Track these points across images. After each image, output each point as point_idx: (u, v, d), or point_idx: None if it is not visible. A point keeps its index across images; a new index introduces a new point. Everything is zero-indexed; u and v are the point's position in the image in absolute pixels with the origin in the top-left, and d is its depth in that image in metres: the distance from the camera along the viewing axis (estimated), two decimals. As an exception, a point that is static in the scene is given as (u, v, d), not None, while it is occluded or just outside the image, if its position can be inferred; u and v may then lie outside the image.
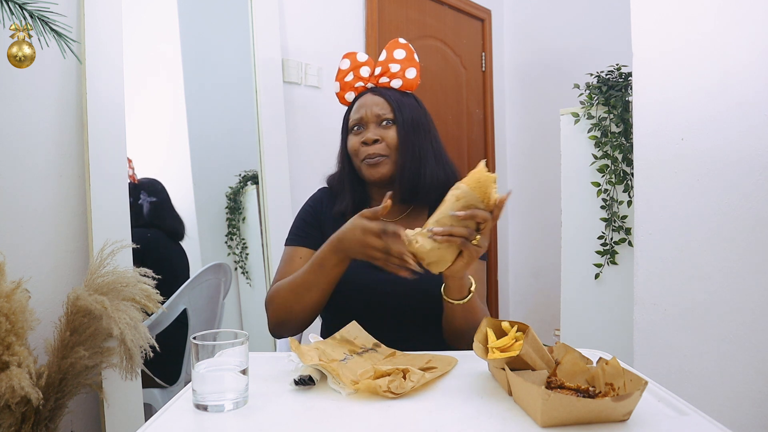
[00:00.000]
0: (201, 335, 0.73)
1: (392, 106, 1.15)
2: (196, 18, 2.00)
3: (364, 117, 1.15)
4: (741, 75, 1.40)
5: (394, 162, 1.14)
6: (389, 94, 1.16)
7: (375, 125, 1.14)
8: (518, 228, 3.34)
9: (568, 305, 2.08)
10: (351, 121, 1.18)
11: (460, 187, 0.86)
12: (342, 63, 1.22)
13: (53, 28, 1.09)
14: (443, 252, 0.87)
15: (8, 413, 1.11)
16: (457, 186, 0.86)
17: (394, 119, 1.14)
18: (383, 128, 1.14)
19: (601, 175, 1.94)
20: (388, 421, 0.67)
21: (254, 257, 2.01)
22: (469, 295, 0.98)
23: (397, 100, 1.16)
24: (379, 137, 1.13)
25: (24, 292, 1.13)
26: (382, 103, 1.15)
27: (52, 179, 1.41)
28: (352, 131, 1.17)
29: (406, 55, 1.18)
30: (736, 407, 1.42)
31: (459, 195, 0.85)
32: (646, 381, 0.66)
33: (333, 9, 2.30)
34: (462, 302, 0.98)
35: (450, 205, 0.86)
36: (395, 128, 1.14)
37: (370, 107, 1.15)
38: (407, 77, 1.18)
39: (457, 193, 0.86)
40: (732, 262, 1.42)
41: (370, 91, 1.18)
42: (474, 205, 0.85)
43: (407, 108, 1.16)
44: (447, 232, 0.85)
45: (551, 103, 2.72)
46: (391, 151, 1.13)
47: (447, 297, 0.98)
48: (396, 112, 1.14)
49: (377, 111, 1.14)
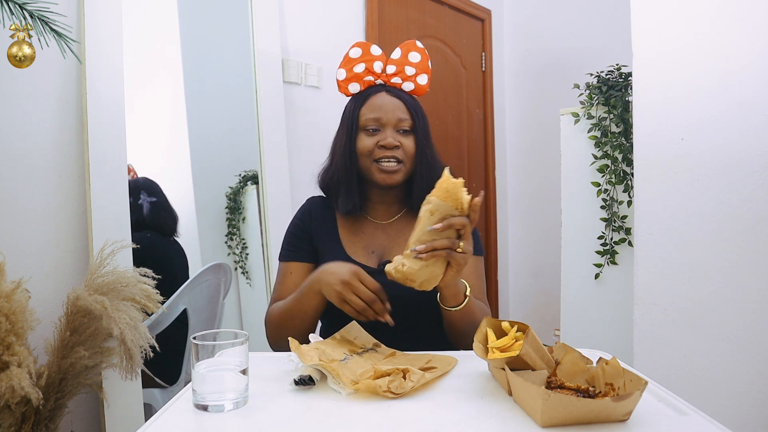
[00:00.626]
0: (201, 335, 0.73)
1: (411, 113, 1.12)
2: (196, 18, 2.00)
3: (383, 118, 1.11)
4: (741, 75, 1.40)
5: (407, 170, 1.13)
6: (405, 98, 1.14)
7: (393, 129, 1.11)
8: (518, 228, 3.34)
9: (568, 305, 2.08)
10: (364, 119, 1.12)
11: (431, 201, 0.86)
12: (352, 51, 1.16)
13: (53, 28, 1.09)
14: (432, 268, 0.87)
15: (8, 413, 1.11)
16: (427, 200, 0.86)
17: (412, 127, 1.13)
18: (402, 135, 1.12)
19: (601, 175, 1.94)
20: (388, 421, 0.67)
21: (254, 257, 2.01)
22: (465, 300, 0.99)
23: (413, 106, 1.14)
24: (399, 143, 1.10)
25: (24, 292, 1.13)
26: (401, 108, 1.12)
27: (52, 179, 1.41)
28: (365, 130, 1.13)
29: (421, 60, 1.16)
30: (736, 407, 1.42)
31: (432, 209, 0.86)
32: (646, 381, 0.66)
33: (333, 9, 2.30)
34: (459, 308, 0.99)
35: (426, 220, 0.86)
36: (413, 137, 1.12)
37: (389, 109, 1.11)
38: (419, 83, 1.16)
39: (429, 207, 0.86)
40: (732, 262, 1.42)
41: (386, 91, 1.14)
42: (449, 214, 0.86)
43: (422, 117, 1.15)
44: (430, 247, 0.85)
45: (551, 103, 2.72)
46: (407, 159, 1.12)
47: (443, 305, 0.99)
48: (415, 119, 1.12)
49: (398, 115, 1.11)
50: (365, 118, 1.12)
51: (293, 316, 1.05)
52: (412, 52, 1.16)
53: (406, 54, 1.16)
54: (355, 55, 1.16)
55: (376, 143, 1.11)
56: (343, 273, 0.96)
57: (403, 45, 1.17)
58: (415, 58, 1.15)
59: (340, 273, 0.97)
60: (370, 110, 1.12)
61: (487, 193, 3.23)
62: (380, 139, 1.11)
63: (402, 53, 1.16)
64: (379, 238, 1.17)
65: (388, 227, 1.18)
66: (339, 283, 0.96)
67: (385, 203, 1.18)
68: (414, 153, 1.12)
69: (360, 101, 1.15)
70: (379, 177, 1.11)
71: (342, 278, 0.96)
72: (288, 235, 1.20)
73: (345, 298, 0.95)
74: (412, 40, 1.18)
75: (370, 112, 1.12)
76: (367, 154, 1.12)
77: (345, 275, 0.96)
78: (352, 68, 1.15)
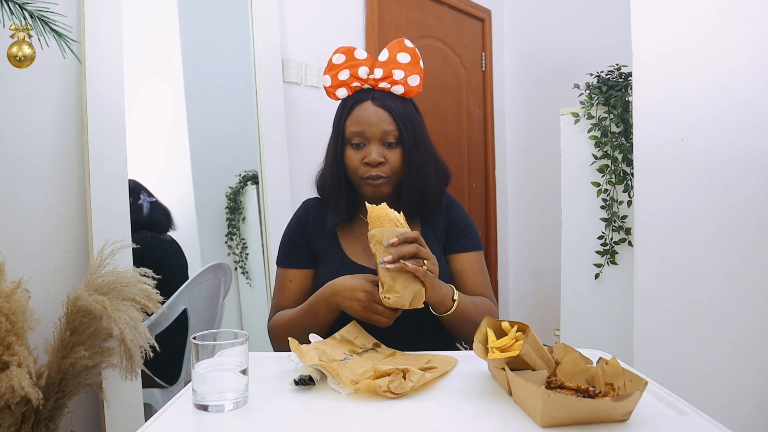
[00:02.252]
0: (201, 335, 0.73)
1: (398, 124, 1.08)
2: (196, 18, 2.00)
3: (367, 133, 1.07)
4: (741, 75, 1.40)
5: (395, 181, 1.11)
6: (393, 107, 1.08)
7: (378, 143, 1.08)
8: (518, 228, 3.34)
9: (568, 305, 2.08)
10: (349, 132, 1.09)
11: (373, 235, 0.92)
12: (335, 57, 1.11)
13: (53, 28, 1.09)
14: (411, 288, 0.91)
15: (8, 413, 1.11)
16: (369, 236, 0.92)
17: (398, 139, 1.08)
18: (387, 148, 1.08)
19: (601, 175, 1.94)
20: (388, 421, 0.67)
21: (254, 257, 2.01)
22: (454, 304, 1.01)
23: (401, 114, 1.08)
24: (384, 158, 1.07)
25: (24, 292, 1.12)
26: (386, 119, 1.07)
27: (52, 179, 1.41)
28: (351, 144, 1.09)
29: (410, 60, 1.10)
30: (736, 407, 1.42)
31: (377, 239, 0.91)
32: (646, 381, 0.66)
33: (333, 9, 2.30)
34: (450, 313, 1.01)
35: (381, 253, 0.91)
36: (400, 149, 1.09)
37: (373, 122, 1.07)
38: (410, 84, 1.10)
39: (373, 241, 0.92)
40: (732, 262, 1.42)
41: (372, 101, 1.09)
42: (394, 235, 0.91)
43: (411, 124, 1.09)
44: (396, 257, 0.89)
45: (551, 103, 2.72)
46: (393, 173, 1.09)
47: (435, 312, 1.02)
48: (402, 131, 1.08)
49: (382, 128, 1.07)
50: (350, 131, 1.09)
51: (306, 329, 1.02)
52: (400, 53, 1.10)
53: (395, 55, 1.10)
54: (338, 61, 1.11)
55: (362, 160, 1.08)
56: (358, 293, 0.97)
57: (390, 45, 1.11)
58: (405, 58, 1.10)
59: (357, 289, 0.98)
60: (354, 123, 1.09)
61: (487, 193, 3.23)
62: (365, 155, 1.08)
63: (390, 55, 1.10)
64: None
65: None
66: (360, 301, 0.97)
67: None
68: (400, 166, 1.09)
69: (346, 111, 1.11)
70: (367, 190, 1.10)
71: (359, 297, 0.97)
72: (285, 240, 1.19)
73: (371, 318, 0.97)
74: (400, 39, 1.12)
75: (354, 125, 1.08)
76: (353, 170, 1.10)
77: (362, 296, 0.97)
78: (336, 75, 1.11)
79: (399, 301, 0.90)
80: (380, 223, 0.91)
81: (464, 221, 1.19)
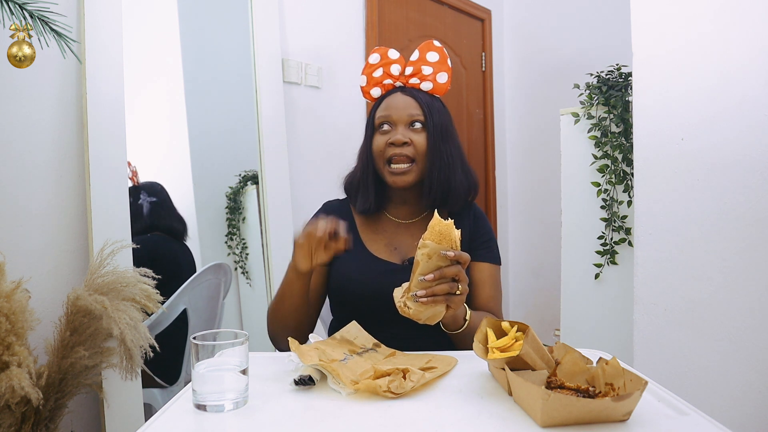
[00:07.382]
0: (201, 335, 0.73)
1: (423, 109, 1.12)
2: (196, 18, 2.00)
3: (394, 116, 1.12)
4: (741, 75, 1.40)
5: (420, 169, 1.12)
6: (420, 95, 1.14)
7: (404, 126, 1.12)
8: (518, 228, 3.34)
9: (568, 305, 2.08)
10: (378, 119, 1.14)
11: (427, 245, 0.87)
12: (371, 57, 1.18)
13: (53, 28, 1.09)
14: (434, 308, 0.89)
15: (8, 413, 1.11)
16: (423, 244, 0.87)
17: (424, 123, 1.12)
18: (413, 131, 1.12)
19: (601, 175, 1.94)
20: (388, 421, 0.67)
21: (254, 257, 2.01)
22: (465, 323, 1.00)
23: (428, 103, 1.13)
24: (409, 140, 1.10)
25: (24, 292, 1.13)
26: (413, 105, 1.12)
27: (52, 179, 1.41)
28: (379, 129, 1.14)
29: (439, 59, 1.16)
30: (736, 407, 1.42)
31: (429, 252, 0.87)
32: (646, 381, 0.66)
33: (333, 9, 2.30)
34: (459, 332, 1.00)
35: (424, 265, 0.87)
36: (425, 133, 1.12)
37: (400, 107, 1.12)
38: (438, 81, 1.16)
39: (426, 251, 0.87)
40: (732, 262, 1.42)
41: (400, 91, 1.15)
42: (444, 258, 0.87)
43: (437, 112, 1.13)
44: (430, 293, 0.86)
45: (551, 103, 2.72)
46: (418, 155, 1.11)
47: (445, 329, 1.01)
48: (427, 115, 1.12)
49: (409, 111, 1.12)
50: (378, 118, 1.14)
51: (283, 299, 1.07)
52: (429, 52, 1.16)
53: (425, 54, 1.16)
54: (374, 60, 1.18)
55: (387, 141, 1.11)
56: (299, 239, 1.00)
57: (421, 46, 1.17)
58: (433, 57, 1.16)
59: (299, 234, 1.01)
60: (382, 110, 1.14)
61: (487, 193, 3.23)
62: (391, 136, 1.11)
63: (420, 54, 1.16)
64: (401, 236, 1.17)
65: (411, 226, 1.19)
66: (299, 238, 0.99)
67: (407, 203, 1.19)
68: (425, 149, 1.11)
69: (377, 104, 1.17)
70: (390, 179, 1.12)
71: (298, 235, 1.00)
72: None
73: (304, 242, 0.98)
74: (430, 41, 1.18)
75: (382, 110, 1.14)
76: (379, 153, 1.13)
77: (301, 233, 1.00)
78: (371, 74, 1.18)
79: (416, 315, 0.89)
80: (440, 238, 0.87)
81: (488, 234, 1.20)
